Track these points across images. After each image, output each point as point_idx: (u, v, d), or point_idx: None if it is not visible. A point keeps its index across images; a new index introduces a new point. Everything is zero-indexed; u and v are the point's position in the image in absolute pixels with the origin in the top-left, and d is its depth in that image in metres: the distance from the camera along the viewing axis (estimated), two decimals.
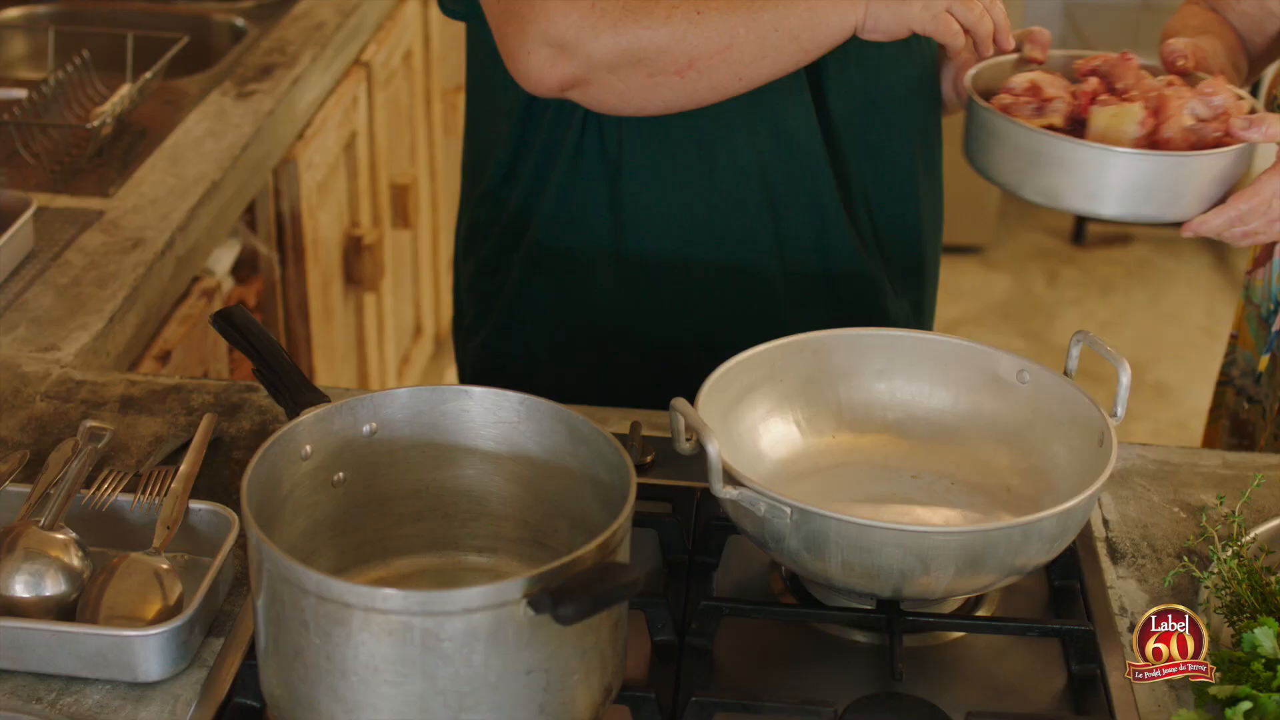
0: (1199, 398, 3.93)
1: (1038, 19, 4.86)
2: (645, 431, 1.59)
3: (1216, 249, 4.69)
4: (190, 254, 2.12)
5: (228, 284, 2.39)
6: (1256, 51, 1.87)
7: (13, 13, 2.82)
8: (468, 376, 1.89)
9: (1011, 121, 1.62)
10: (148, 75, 2.39)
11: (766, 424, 1.48)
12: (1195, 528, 1.51)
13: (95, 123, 2.23)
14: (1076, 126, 1.64)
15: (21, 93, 2.33)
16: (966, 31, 1.55)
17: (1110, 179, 1.59)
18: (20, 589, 1.30)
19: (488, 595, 1.08)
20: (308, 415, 1.26)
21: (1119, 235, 4.72)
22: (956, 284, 4.45)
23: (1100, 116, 1.60)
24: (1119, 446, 1.37)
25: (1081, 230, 4.67)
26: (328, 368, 2.80)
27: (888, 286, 1.80)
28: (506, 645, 1.09)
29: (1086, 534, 1.49)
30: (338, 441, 1.28)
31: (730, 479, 1.28)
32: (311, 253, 2.66)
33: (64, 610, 1.30)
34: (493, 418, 1.30)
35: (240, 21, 2.83)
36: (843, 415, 1.52)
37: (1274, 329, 1.81)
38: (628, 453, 1.22)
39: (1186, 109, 1.59)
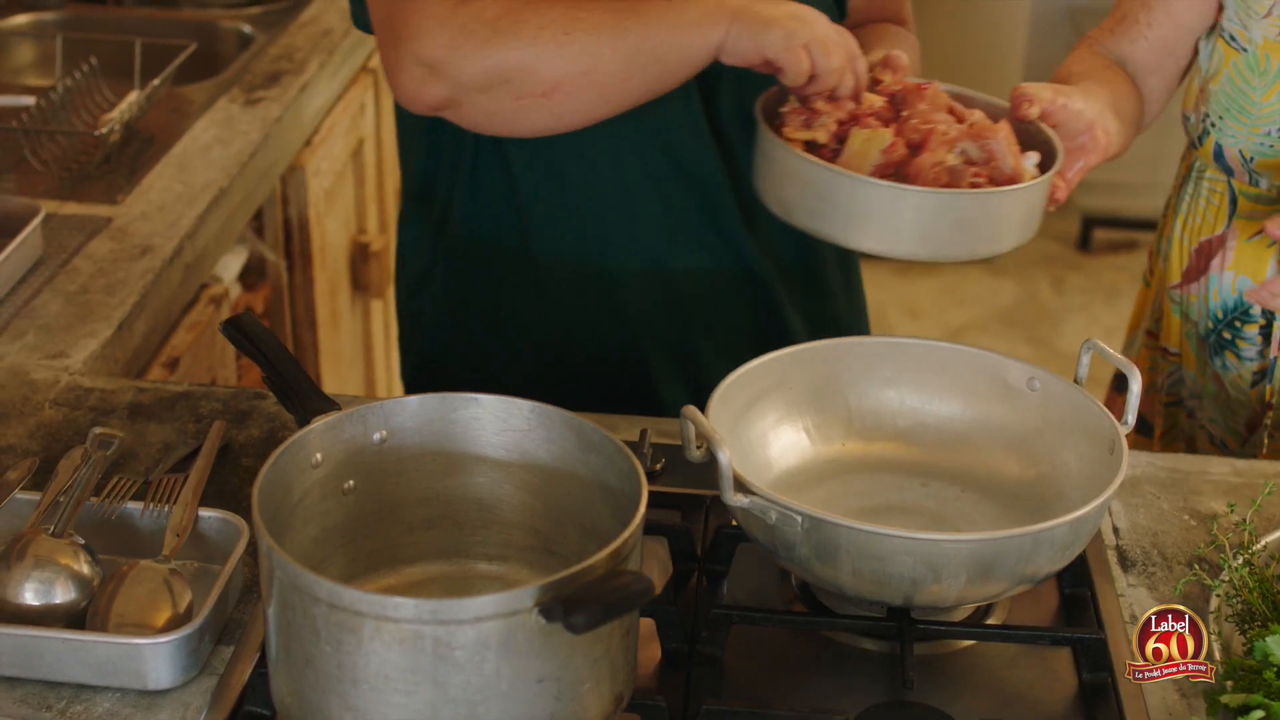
0: None
1: (1043, 23, 4.86)
2: (652, 438, 1.58)
3: None
4: (198, 261, 2.12)
5: (235, 291, 2.39)
6: (1167, 79, 1.82)
7: (20, 19, 2.83)
8: (406, 392, 1.89)
9: (764, 131, 1.54)
10: (155, 82, 2.39)
11: (776, 431, 1.48)
12: (1205, 535, 1.50)
13: (103, 130, 2.23)
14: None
15: (30, 99, 2.33)
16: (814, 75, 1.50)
17: (824, 197, 1.50)
18: (30, 597, 1.30)
19: (499, 604, 1.07)
20: (318, 423, 1.26)
21: (1125, 242, 4.72)
22: (962, 290, 4.45)
23: (855, 139, 1.53)
24: (1128, 454, 1.37)
25: (1088, 237, 4.67)
26: (334, 374, 2.80)
27: (783, 292, 1.79)
28: (518, 654, 1.09)
29: (1096, 542, 1.49)
30: (348, 449, 1.28)
31: (741, 487, 1.27)
32: (319, 259, 2.66)
33: (74, 618, 1.30)
34: (502, 425, 1.30)
35: (248, 28, 2.83)
36: (852, 423, 1.52)
37: (1273, 354, 1.79)
38: (638, 460, 1.22)
39: (958, 147, 1.52)
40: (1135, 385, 1.40)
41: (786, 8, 1.50)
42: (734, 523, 1.41)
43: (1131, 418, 1.41)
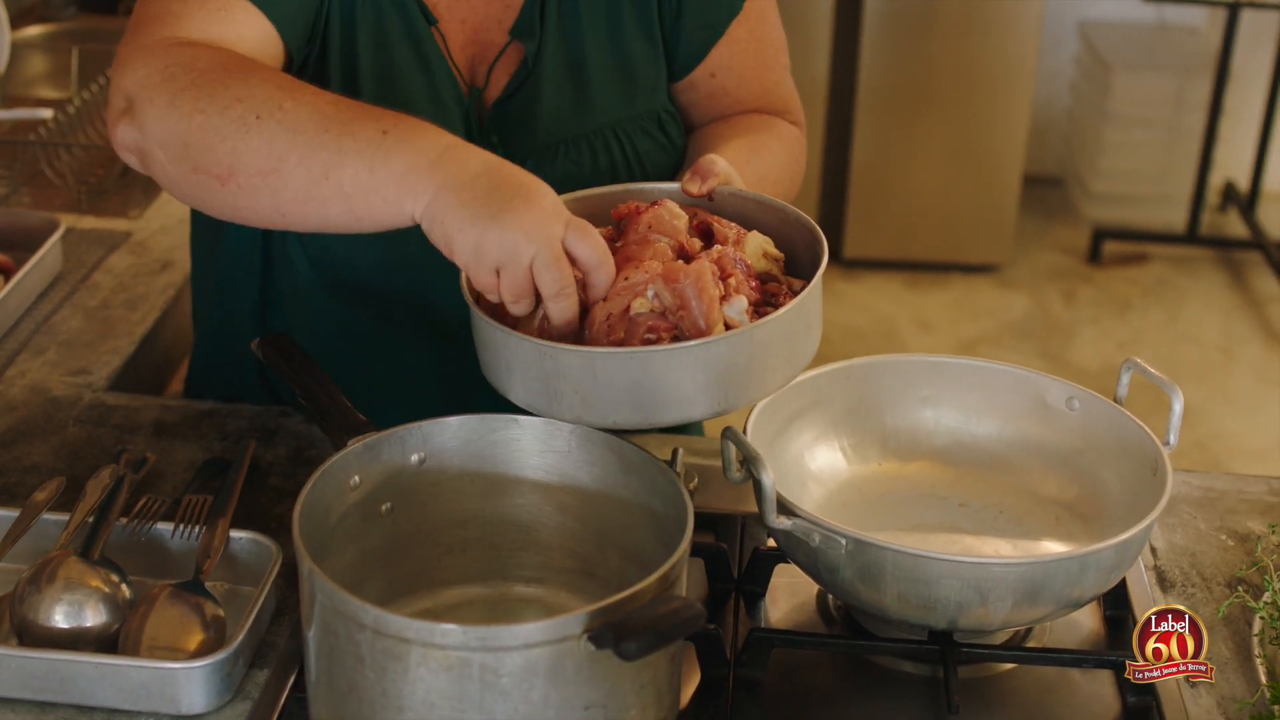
0: (1218, 419, 3.91)
1: (1053, 37, 4.85)
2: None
3: (1233, 268, 4.68)
4: None
5: None
6: None
7: (34, 30, 2.81)
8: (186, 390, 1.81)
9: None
10: None
11: (812, 451, 1.47)
12: (1243, 555, 1.49)
13: None
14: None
15: (48, 112, 2.32)
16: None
17: (485, 345, 1.30)
18: (60, 620, 1.28)
19: (548, 630, 1.06)
20: (356, 444, 1.25)
21: (1135, 254, 4.71)
22: (973, 303, 4.44)
23: None
24: (1172, 475, 1.35)
25: (1098, 249, 4.65)
26: None
27: None
28: (565, 681, 1.07)
29: (1134, 563, 1.47)
30: (386, 471, 1.26)
31: (784, 509, 1.26)
32: None
33: (105, 641, 1.28)
34: (543, 447, 1.29)
35: None
36: (888, 442, 1.50)
37: None
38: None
39: (650, 291, 1.26)
40: (1178, 405, 1.39)
41: (505, 197, 1.20)
42: (770, 543, 1.40)
43: (1174, 438, 1.40)
